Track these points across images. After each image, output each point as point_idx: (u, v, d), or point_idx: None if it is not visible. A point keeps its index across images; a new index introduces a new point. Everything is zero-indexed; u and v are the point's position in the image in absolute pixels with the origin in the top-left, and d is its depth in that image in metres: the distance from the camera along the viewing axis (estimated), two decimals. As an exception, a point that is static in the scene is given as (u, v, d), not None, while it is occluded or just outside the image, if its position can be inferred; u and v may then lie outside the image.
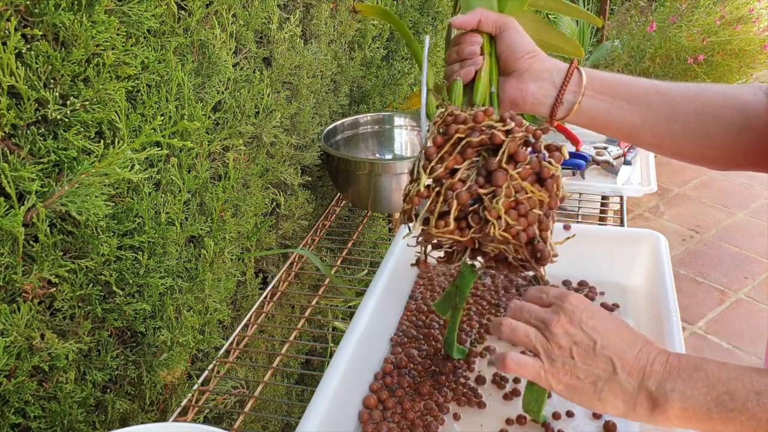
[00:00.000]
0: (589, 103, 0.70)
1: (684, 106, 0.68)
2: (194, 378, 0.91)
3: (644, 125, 0.70)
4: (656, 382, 0.53)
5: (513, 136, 0.61)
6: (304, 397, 1.27)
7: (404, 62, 1.54)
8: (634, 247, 0.95)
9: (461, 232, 0.63)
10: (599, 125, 0.71)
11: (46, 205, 0.63)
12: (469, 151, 0.63)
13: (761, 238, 2.72)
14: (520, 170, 0.61)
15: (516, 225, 0.60)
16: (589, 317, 0.57)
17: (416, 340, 0.86)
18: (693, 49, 3.02)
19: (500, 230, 0.60)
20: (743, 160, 0.69)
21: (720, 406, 0.51)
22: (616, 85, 0.70)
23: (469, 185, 0.62)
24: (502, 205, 0.60)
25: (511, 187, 0.60)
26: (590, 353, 0.55)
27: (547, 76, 0.69)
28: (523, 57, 0.69)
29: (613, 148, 1.46)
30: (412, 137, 1.39)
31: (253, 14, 0.97)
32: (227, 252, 0.94)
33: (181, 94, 0.80)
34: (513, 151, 0.61)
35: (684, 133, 0.69)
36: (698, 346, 2.17)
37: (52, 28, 0.63)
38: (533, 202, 0.61)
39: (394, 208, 1.26)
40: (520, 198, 0.60)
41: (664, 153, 0.73)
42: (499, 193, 0.60)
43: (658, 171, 1.41)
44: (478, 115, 0.63)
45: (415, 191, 0.64)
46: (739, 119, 0.67)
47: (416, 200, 0.64)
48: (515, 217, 0.60)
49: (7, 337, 0.63)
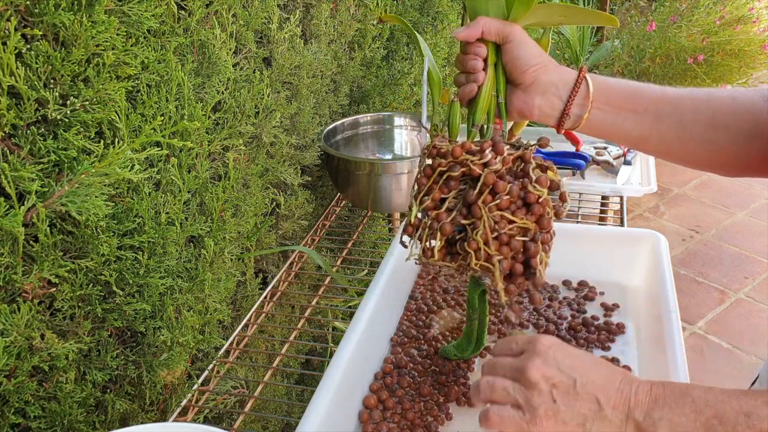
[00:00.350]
0: (597, 115, 0.69)
1: (694, 116, 0.68)
2: (194, 378, 0.91)
3: (652, 134, 0.69)
4: (643, 412, 0.52)
5: (489, 170, 0.63)
6: (304, 397, 1.27)
7: (404, 62, 1.54)
8: (634, 247, 0.95)
9: (452, 258, 0.66)
10: (606, 135, 0.71)
11: (46, 205, 0.63)
12: (452, 183, 0.65)
13: (761, 238, 2.72)
14: (498, 202, 0.62)
15: (496, 255, 0.62)
16: (564, 356, 0.55)
17: (416, 340, 0.86)
18: (693, 49, 3.02)
19: (481, 261, 0.63)
20: (752, 166, 0.68)
21: (710, 431, 0.50)
22: (625, 96, 0.69)
23: (453, 216, 0.65)
24: (481, 237, 0.62)
25: (490, 219, 0.62)
26: (572, 393, 0.53)
27: (554, 90, 0.68)
28: (528, 71, 0.68)
29: (613, 148, 1.46)
30: (412, 137, 1.39)
31: (253, 14, 0.97)
32: (227, 252, 0.94)
33: (181, 94, 0.80)
34: (490, 183, 0.63)
35: (692, 141, 0.68)
36: (698, 346, 2.17)
37: (52, 28, 0.63)
38: (517, 230, 0.63)
39: (394, 208, 1.26)
40: (500, 229, 0.62)
41: (671, 159, 0.72)
42: (478, 225, 0.62)
43: (658, 171, 1.41)
44: (455, 150, 0.65)
45: (408, 222, 0.68)
46: (749, 127, 0.66)
47: (409, 230, 0.68)
48: (496, 247, 0.62)
49: (7, 337, 0.63)
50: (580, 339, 0.85)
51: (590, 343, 0.84)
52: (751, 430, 0.49)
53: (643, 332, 0.85)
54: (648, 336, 0.83)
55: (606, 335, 0.85)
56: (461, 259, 0.65)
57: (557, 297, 0.93)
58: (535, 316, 0.90)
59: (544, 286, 0.96)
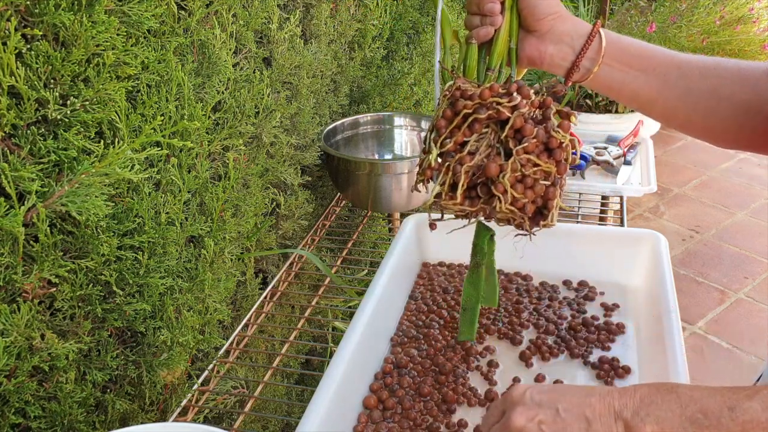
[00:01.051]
0: (606, 71, 0.70)
1: (699, 83, 0.69)
2: (194, 378, 0.91)
3: (658, 98, 0.70)
4: (630, 411, 0.53)
5: (519, 112, 0.62)
6: (304, 397, 1.27)
7: (404, 62, 1.54)
8: (634, 247, 0.95)
9: (471, 202, 0.64)
10: (613, 93, 0.72)
11: (46, 205, 0.63)
12: (477, 125, 0.64)
13: (761, 238, 2.72)
14: (525, 145, 0.61)
15: (522, 198, 0.62)
16: (539, 393, 0.57)
17: (416, 340, 0.86)
18: (693, 50, 3.02)
19: (507, 204, 0.61)
20: (750, 140, 0.70)
21: (695, 425, 0.51)
22: (636, 55, 0.70)
23: (477, 159, 0.63)
24: (508, 179, 0.61)
25: (517, 161, 0.61)
26: (559, 421, 0.55)
27: (568, 40, 0.69)
28: (546, 18, 0.68)
29: (613, 148, 1.46)
30: (412, 137, 1.39)
31: (253, 14, 0.97)
32: (227, 252, 0.94)
33: (181, 94, 0.80)
34: (519, 126, 0.62)
35: (696, 108, 0.69)
36: (698, 346, 2.17)
37: (52, 28, 0.63)
38: (541, 173, 0.62)
39: (394, 208, 1.26)
40: (526, 172, 0.61)
41: (671, 125, 0.73)
42: (505, 168, 0.61)
43: (658, 171, 1.42)
44: (484, 93, 0.63)
45: (426, 164, 0.65)
46: (751, 100, 0.67)
47: (428, 173, 0.65)
48: (521, 190, 0.62)
49: (7, 337, 0.63)
50: (580, 339, 0.85)
51: (590, 343, 0.84)
52: (735, 423, 0.50)
53: (643, 332, 0.85)
54: (648, 336, 0.83)
55: (606, 335, 0.85)
56: (482, 203, 0.64)
57: (557, 297, 0.93)
58: (535, 316, 0.90)
59: (544, 286, 0.96)
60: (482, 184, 0.64)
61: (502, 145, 0.64)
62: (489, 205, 0.63)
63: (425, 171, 0.66)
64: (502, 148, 0.64)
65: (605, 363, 0.80)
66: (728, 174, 3.26)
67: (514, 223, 0.66)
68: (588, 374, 0.80)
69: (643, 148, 1.54)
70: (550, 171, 0.63)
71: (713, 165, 3.33)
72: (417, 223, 1.02)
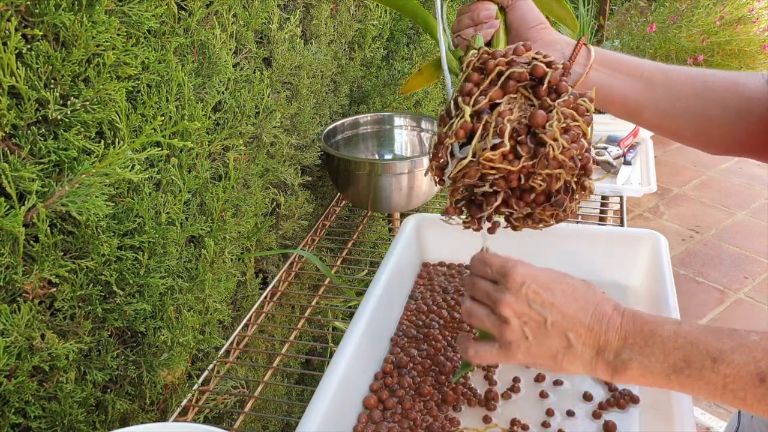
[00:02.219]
0: (595, 77, 0.71)
1: (686, 87, 0.70)
2: (194, 378, 0.91)
3: (647, 103, 0.71)
4: (612, 352, 0.54)
5: (555, 67, 0.61)
6: (304, 397, 1.27)
7: (404, 62, 1.54)
8: (634, 247, 0.95)
9: (510, 163, 0.60)
10: (603, 99, 0.73)
11: (46, 205, 0.63)
12: (511, 84, 0.61)
13: (761, 238, 2.72)
14: (565, 98, 0.60)
15: (571, 148, 0.59)
16: (536, 292, 0.57)
17: (416, 340, 0.86)
18: (693, 50, 3.02)
19: (558, 152, 0.58)
20: (741, 145, 0.70)
21: (677, 372, 0.52)
22: (622, 62, 0.72)
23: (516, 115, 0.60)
24: (557, 128, 0.58)
25: (561, 114, 0.59)
26: (542, 330, 0.56)
27: (557, 47, 0.71)
28: (535, 27, 0.71)
29: (613, 148, 1.46)
30: (412, 137, 1.39)
31: (253, 14, 0.97)
32: (227, 252, 0.94)
33: (181, 94, 0.80)
34: (556, 82, 0.61)
35: (685, 114, 0.70)
36: (698, 346, 2.17)
37: (52, 29, 0.63)
38: (580, 130, 0.61)
39: (394, 208, 1.26)
40: (570, 125, 0.59)
41: (664, 133, 0.74)
42: (552, 117, 0.59)
43: (658, 171, 1.42)
44: (518, 48, 0.62)
45: (459, 123, 0.60)
46: (740, 104, 0.68)
47: (461, 133, 0.60)
48: (568, 141, 0.59)
49: (7, 337, 0.63)
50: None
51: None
52: (717, 375, 0.50)
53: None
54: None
55: (606, 335, 0.85)
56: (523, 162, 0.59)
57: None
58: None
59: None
60: (521, 143, 0.59)
61: (537, 105, 0.61)
62: (533, 160, 0.59)
63: (457, 131, 0.60)
64: (538, 106, 0.61)
65: (605, 363, 0.80)
66: (728, 174, 3.26)
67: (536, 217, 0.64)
68: (588, 374, 0.80)
69: (643, 148, 1.54)
70: (586, 132, 0.61)
71: (713, 165, 3.33)
72: (417, 223, 1.02)
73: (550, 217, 0.64)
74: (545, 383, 0.78)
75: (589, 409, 0.74)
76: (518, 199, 0.63)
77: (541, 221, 0.65)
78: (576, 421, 0.72)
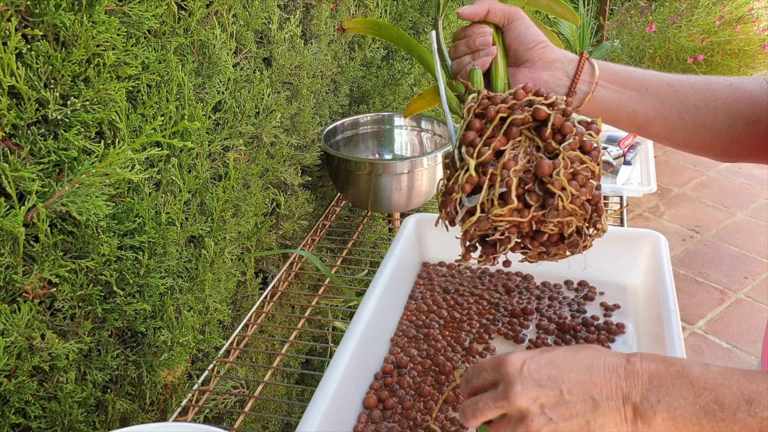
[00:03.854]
0: (602, 94, 0.70)
1: (694, 98, 0.69)
2: (194, 378, 0.91)
3: (656, 117, 0.70)
4: (639, 395, 0.50)
5: (557, 108, 0.60)
6: (304, 397, 1.27)
7: (404, 62, 1.54)
8: (634, 247, 0.95)
9: (519, 213, 0.60)
10: (611, 116, 0.72)
11: (46, 205, 0.63)
12: (515, 130, 0.60)
13: (761, 238, 2.72)
14: (570, 141, 0.59)
15: (580, 195, 0.58)
16: (538, 369, 0.53)
17: (416, 340, 0.86)
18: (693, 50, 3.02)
19: (568, 201, 0.58)
20: (750, 152, 0.70)
21: (709, 416, 0.48)
22: (628, 76, 0.71)
23: (522, 164, 0.60)
24: (564, 176, 0.57)
25: (567, 158, 0.58)
26: (563, 404, 0.52)
27: (560, 66, 0.69)
28: (535, 47, 0.69)
29: (613, 148, 1.46)
30: (411, 137, 1.39)
31: (254, 14, 0.97)
32: (227, 252, 0.94)
33: (181, 94, 0.80)
34: (559, 124, 0.60)
35: (694, 124, 0.69)
36: (698, 346, 2.17)
37: (52, 29, 0.63)
38: (588, 172, 0.60)
39: (394, 208, 1.26)
40: (577, 169, 0.59)
41: (674, 145, 0.73)
42: (558, 165, 0.58)
43: (658, 171, 1.42)
44: (518, 92, 0.62)
45: (465, 178, 0.60)
46: (747, 111, 0.68)
47: (467, 187, 0.60)
48: (577, 187, 0.58)
49: (7, 337, 0.63)
50: (580, 339, 0.85)
51: (590, 344, 0.84)
52: (753, 418, 0.47)
53: (643, 332, 0.85)
54: (648, 336, 0.83)
55: (606, 335, 0.85)
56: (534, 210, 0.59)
57: (557, 297, 0.93)
58: (536, 316, 0.90)
59: (546, 286, 0.96)
60: (529, 192, 0.59)
61: (542, 148, 0.60)
62: (543, 209, 0.59)
63: (463, 186, 0.60)
64: (543, 151, 0.60)
65: (605, 363, 0.80)
66: (728, 174, 3.26)
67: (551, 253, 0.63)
68: (588, 374, 0.80)
69: (643, 148, 1.54)
70: (594, 171, 0.60)
71: (713, 165, 3.33)
72: (417, 223, 1.02)
73: (564, 252, 0.64)
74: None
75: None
76: (531, 239, 0.63)
77: (555, 255, 0.64)
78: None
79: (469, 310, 0.91)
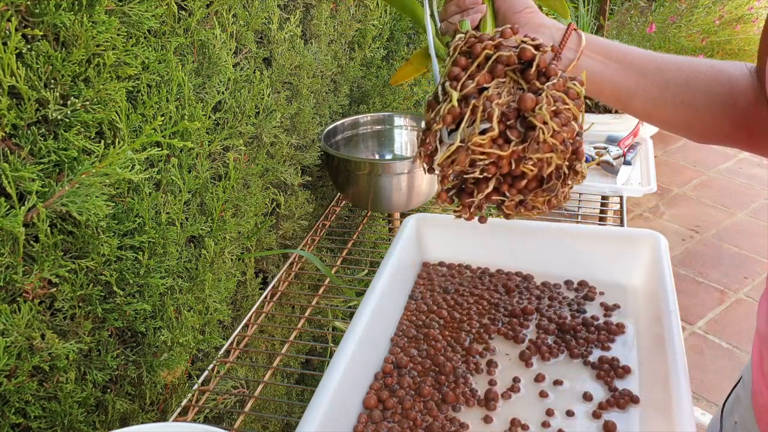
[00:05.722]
0: (587, 63, 0.71)
1: (675, 75, 0.71)
2: (194, 378, 0.91)
3: (637, 90, 0.71)
4: None
5: (543, 49, 0.60)
6: (304, 397, 1.27)
7: (404, 62, 1.54)
8: (634, 247, 0.95)
9: (500, 148, 0.59)
10: (595, 86, 0.72)
11: (46, 205, 0.63)
12: (499, 68, 0.60)
13: (761, 238, 2.73)
14: (554, 81, 0.59)
15: (562, 131, 0.58)
16: None
17: (416, 340, 0.86)
18: (692, 49, 3.02)
19: (549, 135, 0.57)
20: (726, 135, 0.71)
21: None
22: (613, 49, 0.72)
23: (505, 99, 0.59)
24: (546, 111, 0.57)
25: (550, 96, 0.58)
26: None
27: (546, 32, 0.70)
28: (523, 11, 0.70)
29: (613, 149, 1.46)
30: (412, 137, 1.39)
31: (254, 14, 0.97)
32: (227, 252, 0.94)
33: (181, 94, 0.80)
34: (544, 65, 0.59)
35: (674, 101, 0.71)
36: (698, 346, 2.17)
37: (52, 29, 0.63)
38: (570, 114, 0.60)
39: (394, 208, 1.26)
40: (560, 108, 0.58)
41: (652, 122, 0.75)
42: (542, 101, 0.57)
43: (658, 171, 1.42)
44: (505, 31, 0.61)
45: (446, 108, 0.59)
46: (725, 93, 0.69)
47: (449, 118, 0.59)
48: (558, 124, 0.58)
49: (7, 337, 0.63)
50: (580, 339, 0.85)
51: (590, 343, 0.84)
52: None
53: (643, 332, 0.85)
54: (648, 336, 0.83)
55: (606, 335, 0.85)
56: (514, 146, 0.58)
57: (557, 297, 0.93)
58: (536, 315, 0.90)
59: (546, 285, 0.96)
60: (511, 128, 0.58)
61: (526, 90, 0.60)
62: (525, 143, 0.58)
63: (445, 117, 0.59)
64: (527, 91, 0.60)
65: (605, 363, 0.80)
66: (728, 174, 3.26)
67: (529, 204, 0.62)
68: (588, 374, 0.80)
69: (643, 148, 1.54)
70: (577, 115, 0.60)
71: (713, 165, 3.33)
72: (417, 223, 1.02)
73: (542, 203, 0.63)
74: (545, 383, 0.78)
75: (589, 409, 0.74)
76: (510, 185, 0.62)
77: (533, 208, 0.63)
78: (576, 421, 0.72)
79: (469, 310, 0.91)
